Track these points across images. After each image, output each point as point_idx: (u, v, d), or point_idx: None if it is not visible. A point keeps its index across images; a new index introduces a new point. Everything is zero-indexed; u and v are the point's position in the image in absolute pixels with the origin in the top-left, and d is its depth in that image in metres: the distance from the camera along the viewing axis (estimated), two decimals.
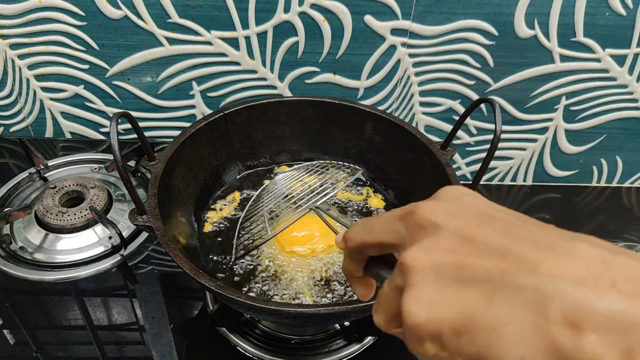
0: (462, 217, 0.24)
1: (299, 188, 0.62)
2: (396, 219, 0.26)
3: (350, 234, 0.30)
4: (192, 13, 0.69)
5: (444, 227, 0.23)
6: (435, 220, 0.24)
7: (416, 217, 0.25)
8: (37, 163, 0.75)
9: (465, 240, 0.22)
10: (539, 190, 0.84)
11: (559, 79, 0.75)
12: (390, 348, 0.58)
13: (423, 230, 0.24)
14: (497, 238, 0.22)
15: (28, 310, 0.60)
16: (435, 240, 0.23)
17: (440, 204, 0.25)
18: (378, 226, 0.28)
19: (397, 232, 0.26)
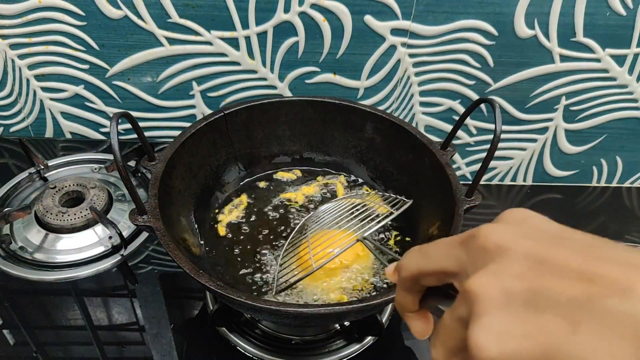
0: (531, 238, 0.21)
1: (344, 218, 0.58)
2: (456, 244, 0.24)
3: (404, 262, 0.28)
4: (192, 13, 0.69)
5: (512, 250, 0.21)
6: (501, 242, 0.22)
7: (479, 240, 0.23)
8: (37, 163, 0.75)
9: (538, 262, 0.20)
10: (539, 191, 0.84)
11: (559, 79, 0.75)
12: (390, 348, 0.58)
13: (487, 254, 0.22)
14: (576, 259, 0.20)
15: (28, 310, 0.60)
16: (503, 264, 0.21)
17: (505, 226, 0.23)
18: (436, 252, 0.26)
19: (457, 259, 0.24)
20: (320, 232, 0.57)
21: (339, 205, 0.61)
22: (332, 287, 0.56)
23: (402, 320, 0.61)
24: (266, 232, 0.64)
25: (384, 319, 0.60)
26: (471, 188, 0.54)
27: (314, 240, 0.55)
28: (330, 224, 0.58)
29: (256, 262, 0.60)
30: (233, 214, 0.66)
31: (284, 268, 0.57)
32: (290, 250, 0.58)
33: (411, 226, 0.63)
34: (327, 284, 0.57)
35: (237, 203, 0.67)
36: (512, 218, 0.24)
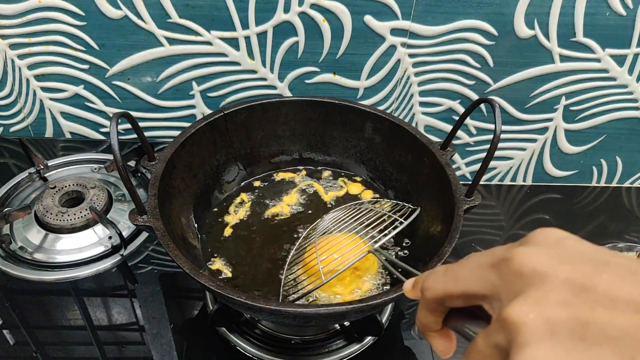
0: (570, 262, 0.20)
1: (352, 227, 0.57)
2: (486, 267, 0.23)
3: (429, 283, 0.27)
4: (192, 13, 0.69)
5: (551, 276, 0.20)
6: (539, 267, 0.21)
7: (513, 264, 0.21)
8: (37, 163, 0.75)
9: (582, 290, 0.19)
10: (539, 191, 0.84)
11: (559, 79, 0.75)
12: (390, 348, 0.58)
13: (524, 280, 0.21)
14: (624, 287, 0.18)
15: (28, 310, 0.60)
16: (543, 291, 0.20)
17: (540, 249, 0.22)
18: (464, 274, 0.25)
19: (488, 282, 0.23)
20: (328, 240, 0.56)
21: (345, 214, 0.60)
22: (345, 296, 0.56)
23: (401, 320, 0.61)
24: (270, 233, 0.64)
25: (384, 319, 0.60)
26: (471, 188, 0.54)
27: (321, 249, 0.53)
28: (338, 232, 0.57)
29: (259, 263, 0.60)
30: (239, 214, 0.65)
31: (290, 280, 0.56)
32: (297, 258, 0.57)
33: (410, 226, 0.63)
34: (340, 293, 0.56)
35: (239, 202, 0.67)
36: (545, 240, 0.23)
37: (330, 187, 0.70)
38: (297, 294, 0.54)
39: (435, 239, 0.56)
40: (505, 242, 0.73)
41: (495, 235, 0.75)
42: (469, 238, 0.74)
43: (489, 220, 0.77)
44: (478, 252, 0.25)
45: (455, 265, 0.26)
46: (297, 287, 0.55)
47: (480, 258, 0.24)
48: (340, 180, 0.71)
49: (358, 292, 0.56)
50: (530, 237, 0.24)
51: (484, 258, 0.24)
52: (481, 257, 0.24)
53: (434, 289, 0.26)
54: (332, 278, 0.49)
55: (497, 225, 0.77)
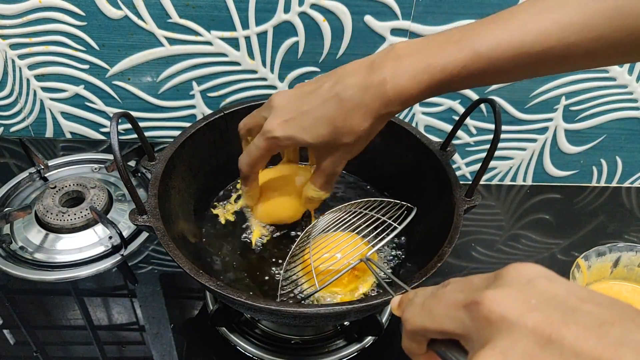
0: (538, 309, 0.20)
1: (347, 230, 0.56)
2: (459, 307, 0.24)
3: (408, 316, 0.28)
4: (192, 13, 0.69)
5: (519, 325, 0.20)
6: (507, 315, 0.21)
7: (483, 310, 0.22)
8: (37, 163, 0.75)
9: (548, 342, 0.19)
10: (539, 190, 0.84)
11: (559, 79, 0.75)
12: (390, 348, 0.58)
13: (493, 327, 0.21)
14: (589, 342, 0.18)
15: (28, 310, 0.60)
16: (510, 341, 0.20)
17: (509, 291, 0.22)
18: (439, 312, 0.25)
19: (461, 322, 0.23)
20: (323, 245, 0.55)
21: (341, 216, 0.58)
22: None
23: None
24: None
25: (384, 319, 0.60)
26: (471, 188, 0.54)
27: (316, 255, 0.53)
28: (333, 236, 0.55)
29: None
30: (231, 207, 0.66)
31: (288, 282, 0.55)
32: (293, 262, 0.57)
33: (410, 226, 0.63)
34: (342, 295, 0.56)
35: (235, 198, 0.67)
36: (516, 278, 0.23)
37: None
38: (296, 298, 0.54)
39: (435, 239, 0.56)
40: (505, 242, 0.74)
41: (495, 235, 0.75)
42: (469, 238, 0.74)
43: (489, 220, 0.77)
44: (456, 281, 0.26)
45: (432, 299, 0.26)
46: (295, 290, 0.55)
47: (456, 295, 0.25)
48: None
49: (358, 292, 0.56)
50: (504, 274, 0.24)
51: (458, 295, 0.24)
52: (457, 293, 0.25)
53: (412, 322, 0.27)
54: (324, 287, 0.49)
55: (497, 225, 0.77)
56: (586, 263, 0.59)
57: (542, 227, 0.76)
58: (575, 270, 0.57)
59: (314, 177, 0.51)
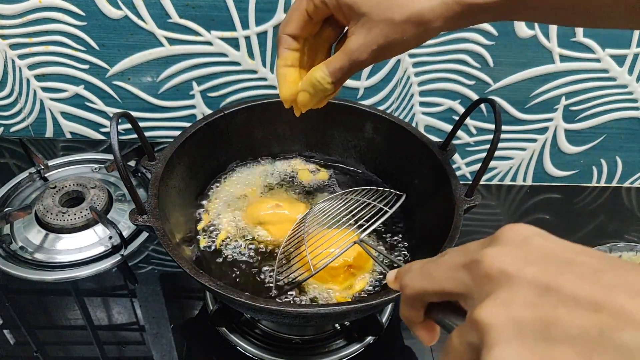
0: (536, 263, 0.21)
1: (341, 217, 0.58)
2: (459, 267, 0.25)
3: (407, 281, 0.28)
4: (192, 13, 0.69)
5: (518, 277, 0.21)
6: (506, 269, 0.22)
7: (483, 266, 0.23)
8: (37, 163, 0.75)
9: (546, 290, 0.20)
10: (539, 190, 0.84)
11: (559, 79, 0.75)
12: (390, 348, 0.58)
13: (493, 282, 0.22)
14: (585, 286, 0.19)
15: (28, 310, 0.60)
16: (511, 292, 0.21)
17: (507, 249, 0.23)
18: (439, 274, 0.26)
19: (461, 281, 0.24)
20: (316, 232, 0.56)
21: (335, 204, 0.60)
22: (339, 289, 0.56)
23: (402, 320, 0.61)
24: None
25: (384, 318, 0.60)
26: (471, 188, 0.54)
27: (311, 241, 0.54)
28: (328, 223, 0.57)
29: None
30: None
31: (283, 270, 0.56)
32: (288, 249, 0.58)
33: (411, 226, 0.63)
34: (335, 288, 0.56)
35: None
36: (512, 238, 0.24)
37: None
38: (289, 284, 0.55)
39: (435, 238, 0.56)
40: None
41: None
42: (469, 238, 0.73)
43: (489, 220, 0.77)
44: (453, 249, 0.27)
45: (431, 263, 0.27)
46: (289, 276, 0.55)
47: (454, 257, 0.25)
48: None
49: (354, 289, 0.56)
50: (499, 235, 0.25)
51: (457, 258, 0.25)
52: (455, 256, 0.26)
53: (412, 286, 0.28)
54: (320, 270, 0.50)
55: (497, 225, 0.76)
56: None
57: (542, 227, 0.76)
58: None
59: (331, 59, 0.43)
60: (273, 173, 0.70)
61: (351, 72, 0.43)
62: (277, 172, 0.70)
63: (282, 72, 0.46)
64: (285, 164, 0.71)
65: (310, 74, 0.44)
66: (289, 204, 0.64)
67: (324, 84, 0.43)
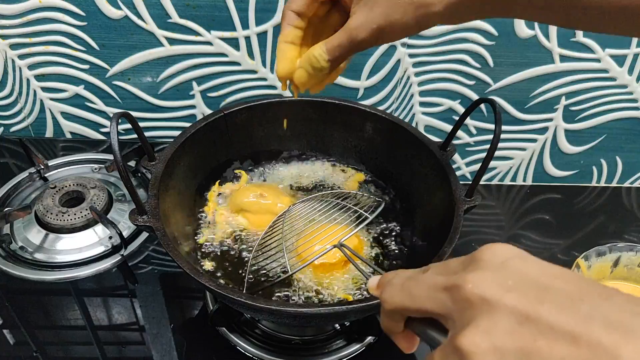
0: (515, 289, 0.22)
1: (320, 220, 0.58)
2: (439, 289, 0.25)
3: (386, 296, 0.29)
4: (192, 13, 0.69)
5: (499, 305, 0.22)
6: (486, 296, 0.22)
7: (464, 292, 0.23)
8: (37, 163, 0.75)
9: (525, 319, 0.21)
10: (539, 191, 0.84)
11: (559, 79, 0.75)
12: (390, 348, 0.58)
13: (474, 308, 0.23)
14: (562, 318, 0.20)
15: (28, 310, 0.60)
16: (491, 321, 0.22)
17: (486, 274, 0.24)
18: (419, 292, 0.27)
19: (442, 303, 0.25)
20: (297, 230, 0.57)
21: (315, 205, 0.60)
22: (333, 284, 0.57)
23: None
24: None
25: None
26: (471, 188, 0.54)
27: (290, 238, 0.54)
28: (307, 223, 0.57)
29: None
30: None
31: (257, 268, 0.56)
32: (264, 247, 0.57)
33: (410, 227, 0.63)
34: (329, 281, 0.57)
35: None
36: (491, 260, 0.24)
37: None
38: (263, 284, 0.55)
39: (435, 238, 0.56)
40: (505, 242, 0.73)
41: (495, 235, 0.75)
42: (469, 238, 0.74)
43: (489, 220, 0.77)
44: (435, 266, 0.27)
45: (411, 281, 0.28)
46: (266, 273, 0.56)
47: (435, 278, 0.26)
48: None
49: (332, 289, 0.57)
50: (479, 256, 0.25)
51: (438, 278, 0.26)
52: (436, 276, 0.26)
53: (392, 302, 0.28)
54: (297, 271, 0.50)
55: (497, 225, 0.77)
56: (586, 263, 0.59)
57: (542, 227, 0.76)
58: (575, 270, 0.57)
59: (331, 37, 0.43)
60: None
61: (350, 51, 0.42)
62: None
63: (281, 47, 0.45)
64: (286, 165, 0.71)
65: (309, 51, 0.44)
66: (274, 194, 0.63)
67: (321, 61, 0.43)
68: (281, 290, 0.56)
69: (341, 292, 0.56)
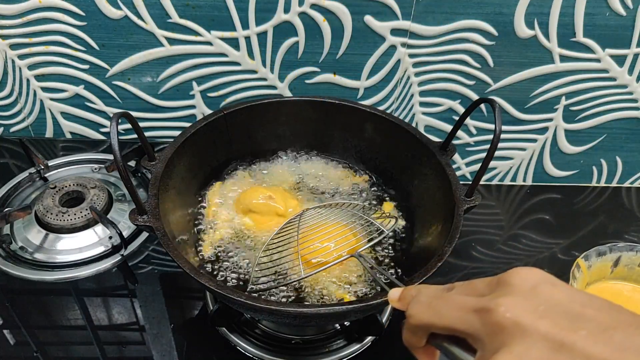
0: (548, 316, 0.22)
1: (335, 229, 0.56)
2: (469, 311, 0.25)
3: (413, 312, 0.29)
4: (192, 13, 0.69)
5: (531, 331, 0.22)
6: (519, 321, 0.22)
7: (496, 316, 0.23)
8: (37, 163, 0.75)
9: (560, 347, 0.21)
10: (539, 191, 0.84)
11: (559, 79, 0.75)
12: (390, 348, 0.58)
13: (506, 332, 0.23)
14: (597, 348, 0.20)
15: (28, 310, 0.60)
16: (525, 346, 0.22)
17: (518, 300, 0.24)
18: (448, 312, 0.27)
19: (471, 324, 0.25)
20: (310, 235, 0.55)
21: (327, 213, 0.59)
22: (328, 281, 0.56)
23: (402, 320, 0.61)
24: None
25: (384, 318, 0.60)
26: (471, 188, 0.54)
27: (303, 244, 0.53)
28: (322, 230, 0.56)
29: None
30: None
31: (264, 268, 0.55)
32: (274, 248, 0.56)
33: (410, 227, 0.63)
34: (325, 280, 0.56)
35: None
36: (521, 286, 0.24)
37: None
38: (269, 284, 0.54)
39: (435, 238, 0.56)
40: (505, 242, 0.74)
41: (495, 235, 0.75)
42: (469, 238, 0.74)
43: (489, 220, 0.77)
44: (460, 285, 0.27)
45: (439, 300, 0.28)
46: (269, 277, 0.55)
47: (463, 299, 0.26)
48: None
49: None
50: (508, 280, 0.25)
51: (467, 300, 0.26)
52: (464, 297, 0.26)
53: (418, 318, 0.28)
54: (311, 275, 0.49)
55: (497, 225, 0.77)
56: (586, 263, 0.59)
57: (542, 227, 0.76)
58: (575, 270, 0.57)
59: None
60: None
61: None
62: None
63: None
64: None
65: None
66: (282, 197, 0.63)
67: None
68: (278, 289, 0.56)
69: (337, 290, 0.56)
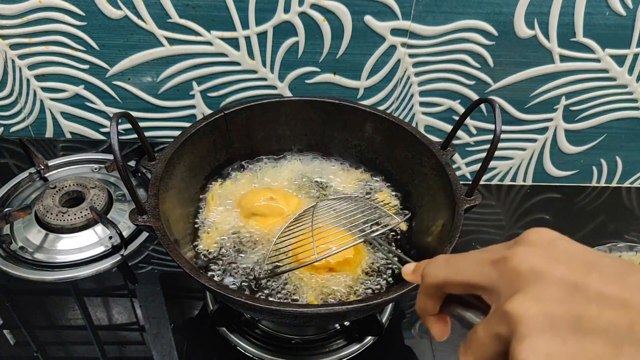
0: (564, 263, 0.23)
1: (348, 216, 0.57)
2: (486, 263, 0.26)
3: (430, 270, 0.29)
4: (192, 13, 0.69)
5: (547, 275, 0.23)
6: (536, 266, 0.23)
7: (512, 263, 0.24)
8: (37, 163, 0.75)
9: (575, 288, 0.22)
10: (539, 190, 0.84)
11: (559, 79, 0.75)
12: (390, 348, 0.58)
13: (522, 277, 0.23)
14: (611, 287, 0.21)
15: (28, 310, 0.60)
16: (541, 288, 0.22)
17: (535, 249, 0.24)
18: (466, 266, 0.27)
19: (488, 276, 0.25)
20: (325, 221, 0.56)
21: (345, 202, 0.60)
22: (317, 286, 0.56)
23: (402, 320, 0.61)
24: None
25: (384, 318, 0.60)
26: (471, 188, 0.54)
27: (317, 230, 0.54)
28: (337, 218, 0.57)
29: None
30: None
31: (279, 253, 0.56)
32: (288, 234, 0.57)
33: (411, 226, 0.63)
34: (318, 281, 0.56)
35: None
36: (538, 240, 0.25)
37: None
38: (282, 269, 0.55)
39: (435, 238, 0.56)
40: (506, 241, 0.74)
41: (495, 235, 0.75)
42: (469, 237, 0.74)
43: (489, 220, 0.77)
44: (477, 250, 0.28)
45: (456, 257, 0.28)
46: (284, 261, 0.55)
47: (480, 254, 0.27)
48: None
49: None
50: (525, 237, 0.26)
51: (483, 254, 0.26)
52: (481, 253, 0.27)
53: (435, 275, 0.29)
54: (326, 257, 0.49)
55: (497, 225, 0.77)
56: None
57: (542, 226, 0.76)
58: None
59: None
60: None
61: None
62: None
63: None
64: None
65: None
66: (283, 197, 0.63)
67: None
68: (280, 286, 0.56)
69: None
